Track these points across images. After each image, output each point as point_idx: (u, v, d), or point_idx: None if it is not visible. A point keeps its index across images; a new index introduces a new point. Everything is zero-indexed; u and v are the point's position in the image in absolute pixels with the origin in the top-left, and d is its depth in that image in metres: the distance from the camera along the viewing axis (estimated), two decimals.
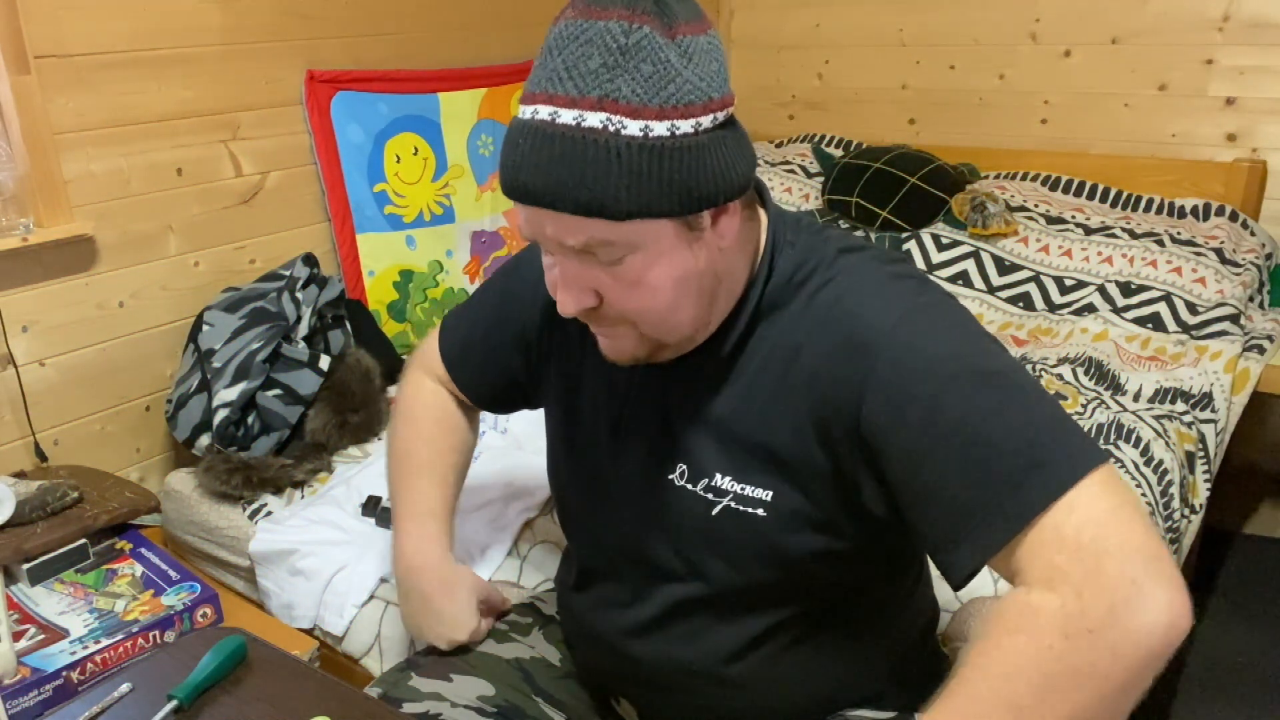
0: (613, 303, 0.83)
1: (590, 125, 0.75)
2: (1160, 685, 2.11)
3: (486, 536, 1.55)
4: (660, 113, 0.75)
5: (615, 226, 0.77)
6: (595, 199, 0.76)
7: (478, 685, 1.05)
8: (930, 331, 0.81)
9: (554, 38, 0.78)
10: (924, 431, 0.77)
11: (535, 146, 0.76)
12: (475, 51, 2.54)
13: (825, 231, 0.93)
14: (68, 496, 1.56)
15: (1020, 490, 0.73)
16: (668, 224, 0.79)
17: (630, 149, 0.75)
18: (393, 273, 2.35)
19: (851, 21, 3.02)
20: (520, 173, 0.78)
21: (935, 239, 2.51)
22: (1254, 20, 2.41)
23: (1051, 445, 0.74)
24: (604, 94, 0.74)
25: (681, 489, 0.94)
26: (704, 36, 0.78)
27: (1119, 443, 1.74)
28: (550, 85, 0.76)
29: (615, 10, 0.76)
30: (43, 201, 1.76)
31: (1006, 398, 0.77)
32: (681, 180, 0.77)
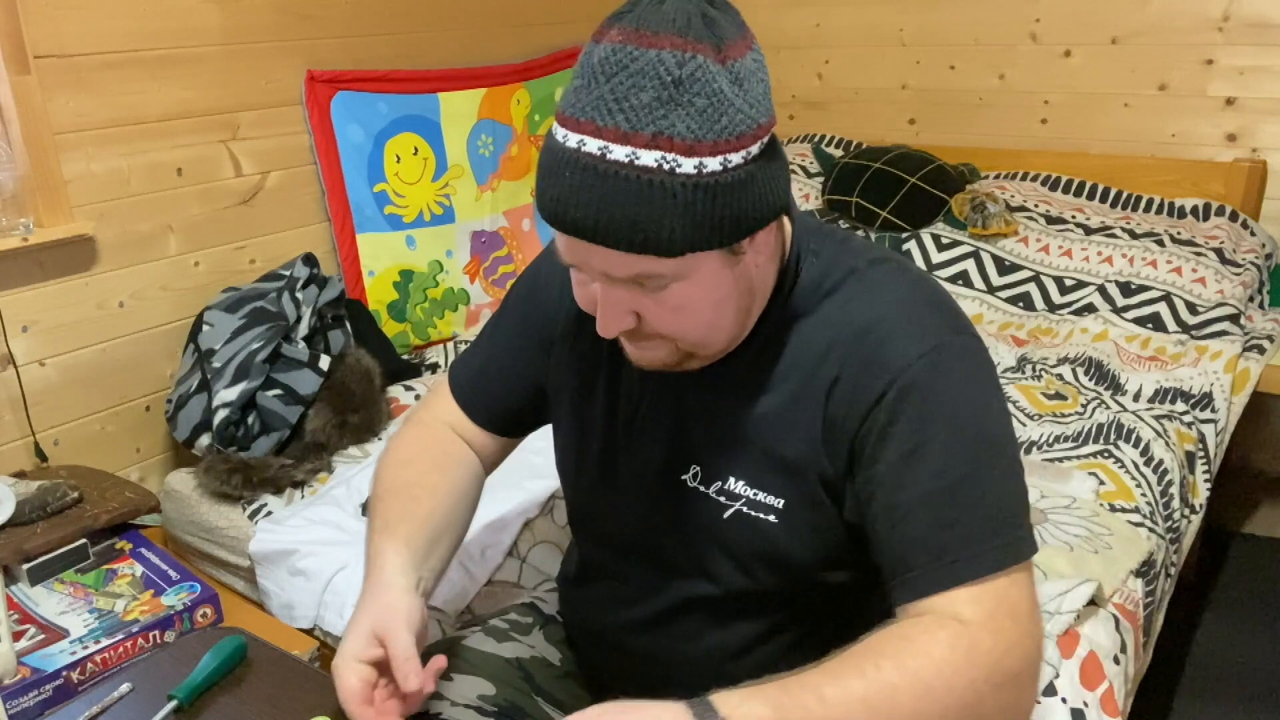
0: (653, 324, 0.83)
1: (644, 164, 0.73)
2: (1160, 685, 2.11)
3: (486, 536, 1.55)
4: (714, 147, 0.74)
5: (665, 261, 0.76)
6: (649, 238, 0.74)
7: (478, 685, 1.05)
8: (950, 375, 0.83)
9: (599, 61, 0.74)
10: (906, 464, 0.81)
11: (585, 182, 0.74)
12: (475, 51, 2.54)
13: (850, 240, 0.93)
14: (68, 496, 1.56)
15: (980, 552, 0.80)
16: (715, 253, 0.78)
17: (685, 188, 0.73)
18: (393, 273, 2.35)
19: (851, 21, 3.02)
20: (569, 208, 0.75)
21: (935, 239, 2.51)
22: (1254, 20, 2.41)
23: (1002, 526, 0.81)
24: (658, 130, 0.72)
25: (694, 490, 0.93)
26: (750, 54, 0.77)
27: (1119, 443, 1.74)
28: (598, 115, 0.74)
29: (667, 37, 0.73)
30: (43, 201, 1.76)
31: (990, 467, 0.82)
32: (732, 213, 0.76)
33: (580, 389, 1.02)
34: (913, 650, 0.76)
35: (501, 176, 2.59)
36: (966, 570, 0.79)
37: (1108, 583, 1.37)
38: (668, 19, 0.73)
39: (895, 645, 0.77)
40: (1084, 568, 1.40)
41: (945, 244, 2.49)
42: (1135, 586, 1.43)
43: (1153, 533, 1.53)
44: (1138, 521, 1.54)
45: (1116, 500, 1.59)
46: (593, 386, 1.00)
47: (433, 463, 1.08)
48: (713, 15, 0.75)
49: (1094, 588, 1.33)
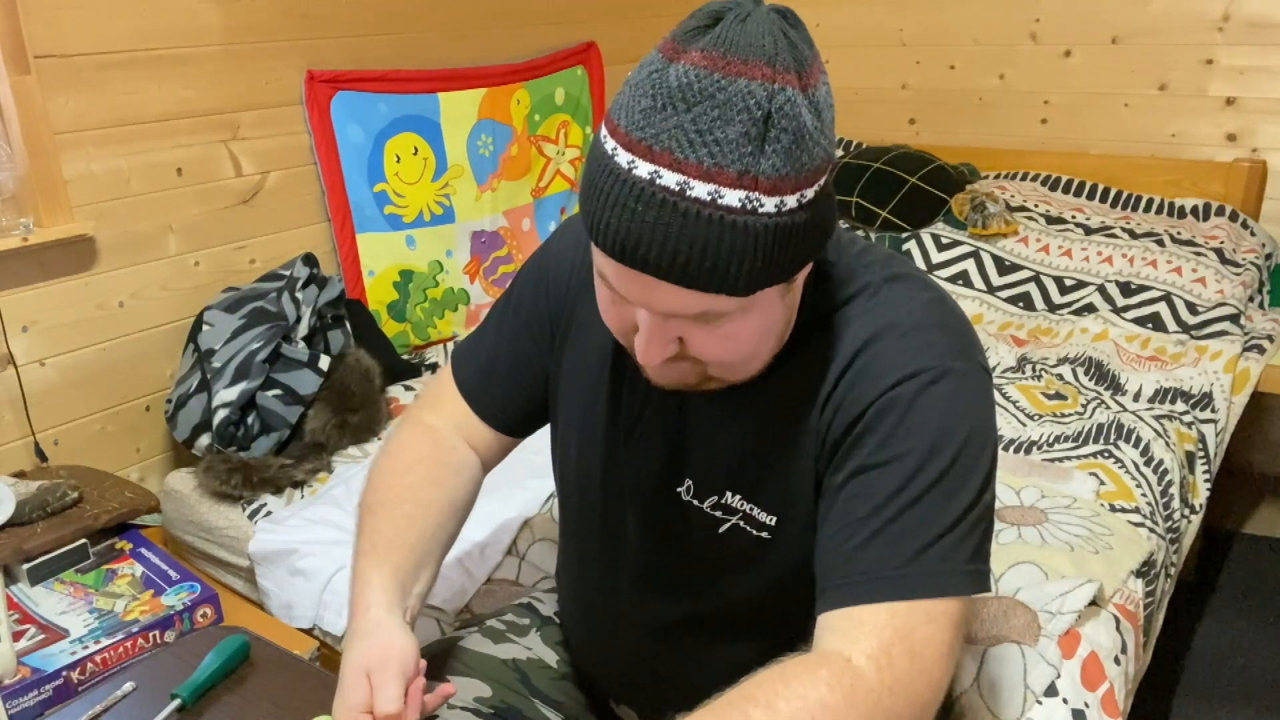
0: (696, 351, 0.80)
1: (727, 204, 0.69)
2: (1160, 685, 2.11)
3: (486, 535, 1.55)
4: (795, 184, 0.70)
5: (732, 299, 0.74)
6: (726, 279, 0.71)
7: (474, 687, 1.05)
8: (938, 400, 0.80)
9: (678, 86, 0.69)
10: (865, 477, 0.80)
11: (662, 219, 0.69)
12: (475, 51, 2.54)
13: (868, 253, 0.89)
14: (68, 496, 1.56)
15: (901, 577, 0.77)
16: (775, 287, 0.76)
17: (766, 230, 0.70)
18: (393, 273, 2.35)
19: (851, 21, 3.02)
20: (639, 245, 0.70)
21: (935, 239, 2.51)
22: (1254, 20, 2.41)
23: (952, 555, 0.78)
24: (744, 169, 0.68)
25: (688, 504, 0.92)
26: (823, 79, 0.73)
27: (1119, 443, 1.74)
28: (677, 147, 0.68)
29: (757, 65, 0.68)
30: (43, 201, 1.76)
31: (949, 500, 0.79)
32: (803, 248, 0.74)
33: (583, 392, 1.00)
34: (789, 694, 0.73)
35: (501, 176, 2.59)
36: (880, 592, 0.77)
37: (1108, 583, 1.37)
38: (755, 44, 0.69)
39: (771, 688, 0.74)
40: (1085, 568, 1.40)
41: (945, 244, 2.49)
42: (1135, 587, 1.43)
43: (1153, 533, 1.54)
44: (1138, 521, 1.54)
45: (1117, 500, 1.59)
46: (596, 391, 0.98)
47: (428, 475, 1.02)
48: (793, 36, 0.71)
49: (1096, 588, 1.33)
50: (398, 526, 0.97)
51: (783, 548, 0.88)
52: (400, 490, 1.00)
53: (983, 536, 0.81)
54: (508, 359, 1.05)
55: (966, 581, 0.79)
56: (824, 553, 0.82)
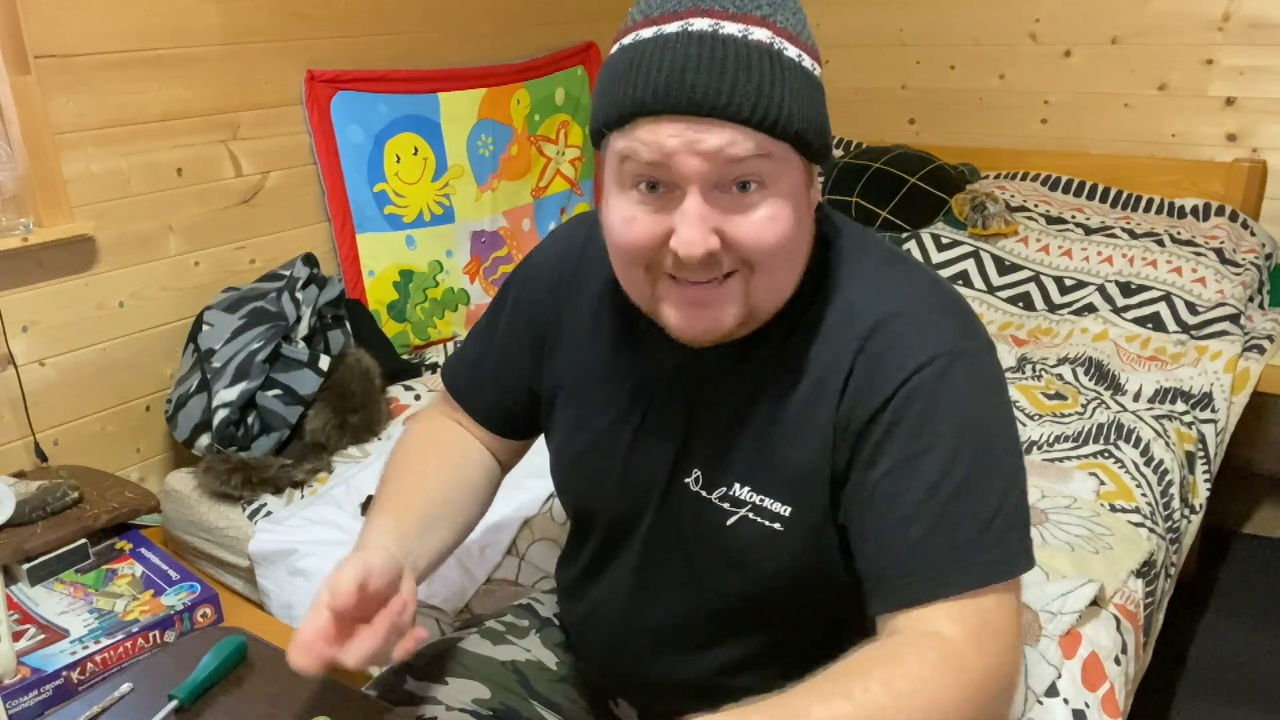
0: (739, 239, 0.79)
1: (757, 39, 0.75)
2: (1160, 685, 2.11)
3: (485, 535, 1.55)
4: (808, 48, 0.79)
5: (774, 143, 0.77)
6: (773, 108, 0.75)
7: (473, 688, 1.05)
8: (958, 383, 0.81)
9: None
10: (903, 471, 0.80)
11: (702, 53, 0.74)
12: (475, 51, 2.54)
13: (867, 235, 0.92)
14: (68, 496, 1.56)
15: (969, 565, 0.78)
16: (799, 163, 0.80)
17: (794, 70, 0.76)
18: (393, 273, 2.35)
19: (851, 21, 3.02)
20: (684, 76, 0.74)
21: (935, 239, 2.51)
22: (1254, 20, 2.41)
23: (1007, 535, 0.80)
24: (766, 15, 0.76)
25: (696, 495, 0.92)
26: None
27: (1119, 443, 1.74)
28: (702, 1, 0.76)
29: None
30: (43, 201, 1.76)
31: (989, 479, 0.80)
32: (822, 116, 0.80)
33: (583, 389, 0.99)
34: (902, 671, 0.74)
35: (501, 176, 2.59)
36: (953, 583, 0.77)
37: (1109, 583, 1.37)
38: None
39: (884, 666, 0.75)
40: (1085, 568, 1.40)
41: (945, 244, 2.49)
42: (1136, 587, 1.43)
43: (1153, 533, 1.53)
44: (1138, 522, 1.54)
45: (1117, 500, 1.59)
46: (597, 387, 0.98)
47: (436, 450, 1.08)
48: None
49: (1097, 588, 1.33)
50: (400, 489, 1.01)
51: (796, 539, 0.87)
52: (407, 463, 1.05)
53: (1026, 510, 0.83)
54: (493, 364, 1.08)
55: (1023, 559, 0.81)
56: (877, 549, 0.81)
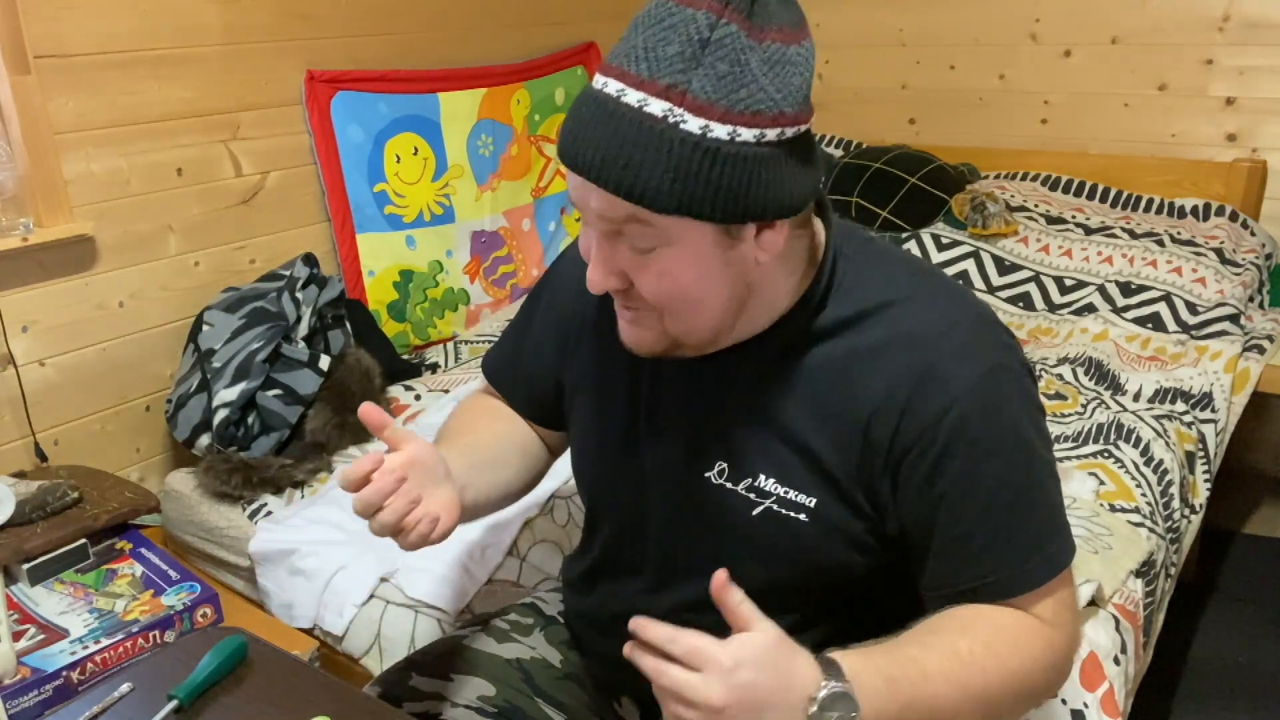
0: (638, 287, 0.83)
1: (651, 111, 0.74)
2: (1160, 685, 2.10)
3: (486, 536, 1.55)
4: (725, 115, 0.74)
5: (654, 216, 0.77)
6: (639, 186, 0.75)
7: (478, 685, 1.05)
8: (1006, 397, 0.85)
9: (641, 15, 0.78)
10: (969, 484, 0.84)
11: (595, 118, 0.76)
12: (475, 51, 2.54)
13: (892, 252, 0.94)
14: (68, 496, 1.56)
15: (1024, 566, 0.85)
16: (708, 227, 0.78)
17: (684, 145, 0.74)
18: (393, 273, 2.35)
19: (851, 21, 3.02)
20: (576, 141, 0.78)
21: (935, 239, 2.51)
22: (1254, 20, 2.41)
23: (1056, 531, 0.88)
24: (672, 83, 0.74)
25: (720, 487, 0.93)
26: (795, 47, 0.77)
27: (1119, 443, 1.74)
28: (625, 62, 0.76)
29: (709, 1, 0.75)
30: (43, 201, 1.76)
31: (1042, 477, 0.87)
32: (729, 188, 0.75)
33: (602, 383, 1.02)
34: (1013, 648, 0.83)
35: (501, 176, 2.59)
36: (1041, 574, 0.85)
37: (1108, 583, 1.37)
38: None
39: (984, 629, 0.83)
40: (1084, 568, 1.40)
41: (945, 244, 2.49)
42: (1135, 587, 1.43)
43: (1153, 533, 1.53)
44: (1138, 521, 1.54)
45: (1116, 500, 1.59)
46: (614, 380, 1.00)
47: (486, 411, 1.16)
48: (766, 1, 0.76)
49: (1095, 588, 1.33)
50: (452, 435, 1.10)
51: (819, 530, 0.90)
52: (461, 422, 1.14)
53: (1062, 498, 0.90)
54: (529, 355, 1.12)
55: (1070, 548, 0.89)
56: (944, 561, 0.87)
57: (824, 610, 0.96)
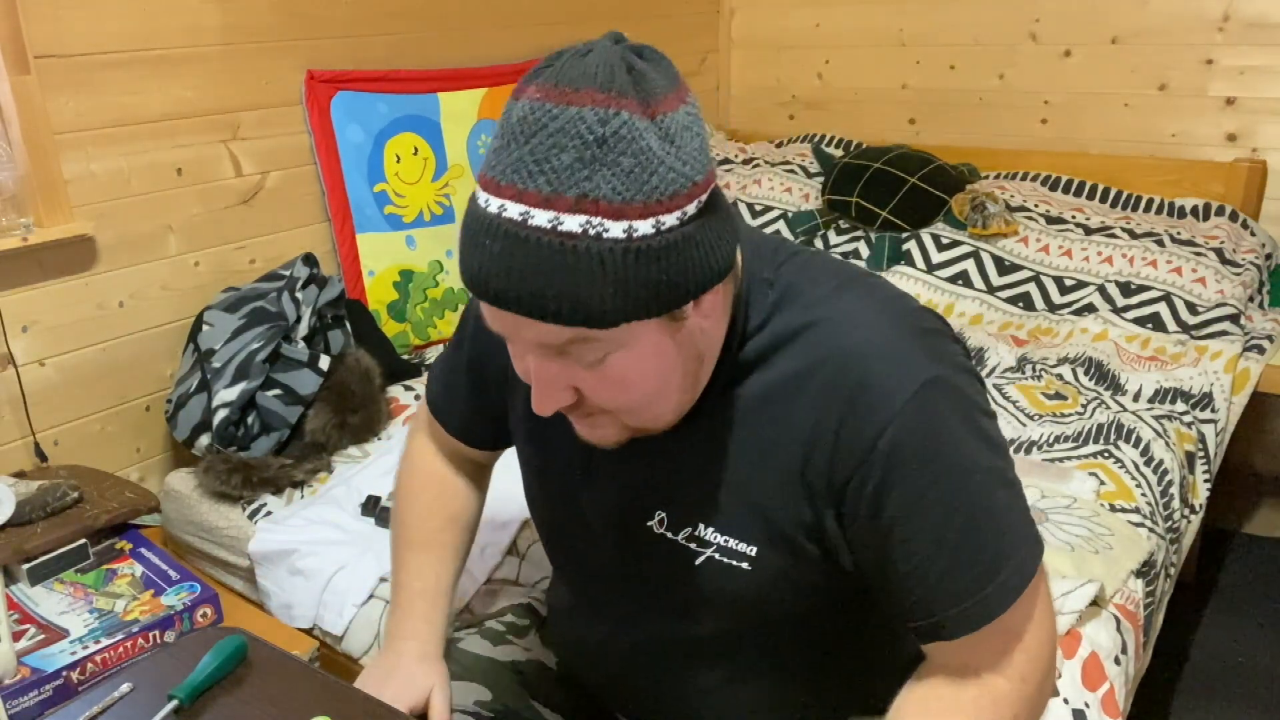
0: (593, 400, 0.78)
1: (568, 229, 0.67)
2: (1160, 685, 2.11)
3: (485, 534, 1.55)
4: (644, 209, 0.68)
5: (600, 332, 0.71)
6: (578, 309, 0.69)
7: (473, 690, 1.05)
8: (941, 414, 0.78)
9: (517, 121, 0.69)
10: (911, 513, 0.79)
11: (507, 250, 0.69)
12: (475, 51, 2.54)
13: (812, 264, 0.86)
14: (68, 496, 1.56)
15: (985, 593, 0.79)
16: (653, 321, 0.73)
17: (614, 254, 0.68)
18: (393, 273, 2.35)
19: (851, 21, 3.02)
20: (490, 279, 0.70)
21: (935, 239, 2.51)
22: (1254, 20, 2.41)
23: (1016, 544, 0.81)
24: (581, 193, 0.67)
25: (660, 536, 0.89)
26: (683, 109, 0.72)
27: (1119, 443, 1.74)
28: (518, 179, 0.68)
29: (588, 92, 0.68)
30: (43, 201, 1.76)
31: (992, 493, 0.80)
32: (669, 279, 0.70)
33: (538, 430, 0.97)
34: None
35: None
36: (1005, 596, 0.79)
37: (1109, 583, 1.37)
38: (589, 73, 0.68)
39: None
40: (1085, 568, 1.40)
41: (945, 244, 2.49)
42: (1135, 587, 1.43)
43: (1153, 533, 1.54)
44: (1138, 522, 1.54)
45: (1117, 500, 1.59)
46: (550, 429, 0.94)
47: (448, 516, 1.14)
48: (640, 67, 0.70)
49: (1097, 588, 1.33)
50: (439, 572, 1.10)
51: (764, 577, 0.86)
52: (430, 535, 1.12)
53: (1024, 501, 0.83)
54: (465, 380, 1.08)
55: (1036, 553, 0.82)
56: (901, 594, 0.82)
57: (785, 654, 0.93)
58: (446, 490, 1.14)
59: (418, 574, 1.09)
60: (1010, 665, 0.81)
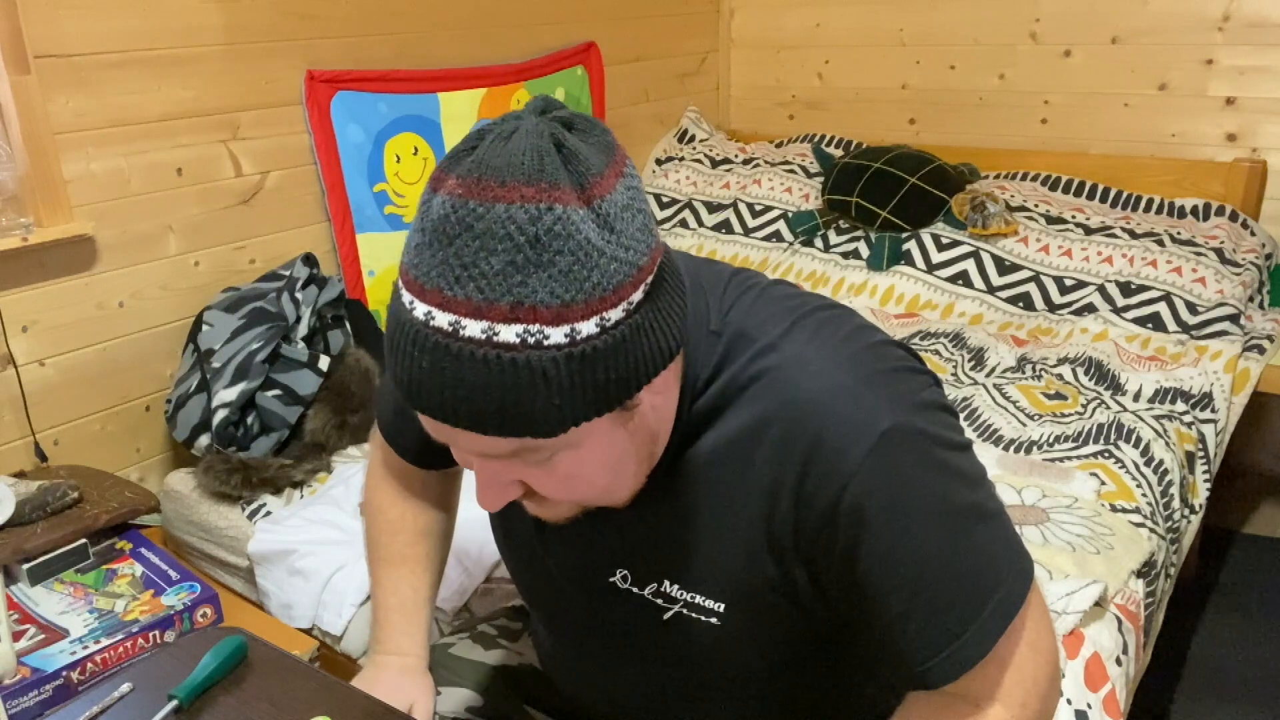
0: (544, 493, 0.74)
1: (504, 340, 0.61)
2: (1160, 685, 2.11)
3: (483, 534, 1.55)
4: (586, 309, 0.62)
5: (546, 440, 0.66)
6: (521, 422, 0.63)
7: (465, 696, 1.05)
8: (903, 465, 0.73)
9: (438, 219, 0.62)
10: (884, 565, 0.75)
11: (436, 364, 0.62)
12: (475, 51, 2.54)
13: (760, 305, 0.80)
14: (68, 496, 1.56)
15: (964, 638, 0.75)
16: (603, 419, 0.68)
17: (557, 363, 0.62)
18: (393, 273, 2.35)
19: (851, 21, 3.02)
20: (422, 393, 0.64)
21: (935, 239, 2.51)
22: (1254, 20, 2.41)
23: (998, 580, 0.76)
24: (516, 300, 0.60)
25: (627, 592, 0.86)
26: (620, 185, 0.65)
27: (1119, 443, 1.74)
28: (444, 284, 0.61)
29: (515, 187, 0.61)
30: (43, 201, 1.76)
31: (967, 533, 0.76)
32: (619, 375, 0.65)
33: None
34: None
35: None
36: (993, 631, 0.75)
37: (1110, 583, 1.37)
38: (514, 163, 0.61)
39: None
40: (1086, 568, 1.40)
41: (945, 244, 2.49)
42: (1136, 587, 1.43)
43: (1153, 533, 1.53)
44: (1138, 522, 1.54)
45: (1117, 500, 1.59)
46: None
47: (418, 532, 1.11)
48: (571, 145, 0.63)
49: (1101, 589, 1.33)
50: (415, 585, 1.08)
51: (734, 631, 0.83)
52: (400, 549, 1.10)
53: (1009, 529, 0.79)
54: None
55: (1023, 581, 0.78)
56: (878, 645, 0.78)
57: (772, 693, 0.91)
58: (412, 506, 1.11)
59: (393, 590, 1.08)
60: (1007, 693, 0.78)
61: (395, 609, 1.07)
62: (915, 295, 2.45)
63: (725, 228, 2.80)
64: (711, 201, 2.88)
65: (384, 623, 1.07)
